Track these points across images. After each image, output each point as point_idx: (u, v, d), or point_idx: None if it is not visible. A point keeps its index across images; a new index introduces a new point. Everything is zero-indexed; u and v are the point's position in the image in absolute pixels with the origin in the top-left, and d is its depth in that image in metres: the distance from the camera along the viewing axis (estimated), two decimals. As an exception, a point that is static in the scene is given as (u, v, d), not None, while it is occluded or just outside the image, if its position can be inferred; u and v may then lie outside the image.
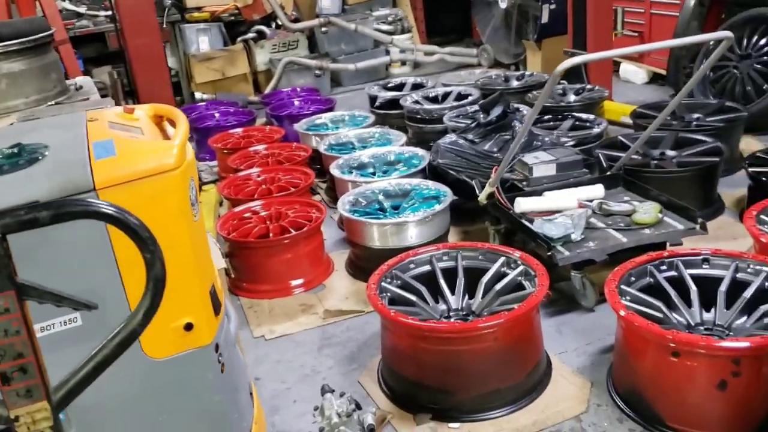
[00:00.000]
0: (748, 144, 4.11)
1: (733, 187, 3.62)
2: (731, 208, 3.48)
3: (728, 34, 2.42)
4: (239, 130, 5.03)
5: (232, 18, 7.32)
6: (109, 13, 6.85)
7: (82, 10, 6.94)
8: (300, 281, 3.24)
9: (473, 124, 3.65)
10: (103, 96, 4.49)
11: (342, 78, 7.27)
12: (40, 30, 2.96)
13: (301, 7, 7.34)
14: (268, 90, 6.76)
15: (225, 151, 4.62)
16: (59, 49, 3.87)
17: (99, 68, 6.30)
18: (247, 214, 3.46)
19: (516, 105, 4.22)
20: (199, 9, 7.30)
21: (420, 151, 3.94)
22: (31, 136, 1.77)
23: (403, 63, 7.57)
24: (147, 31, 3.86)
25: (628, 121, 4.58)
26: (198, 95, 6.73)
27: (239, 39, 7.21)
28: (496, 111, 3.53)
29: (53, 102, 2.95)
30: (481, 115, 3.64)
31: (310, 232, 3.23)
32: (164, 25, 6.77)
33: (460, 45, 7.89)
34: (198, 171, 4.55)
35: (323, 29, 7.02)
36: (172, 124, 2.07)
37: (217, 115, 5.73)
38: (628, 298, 2.25)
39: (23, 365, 0.90)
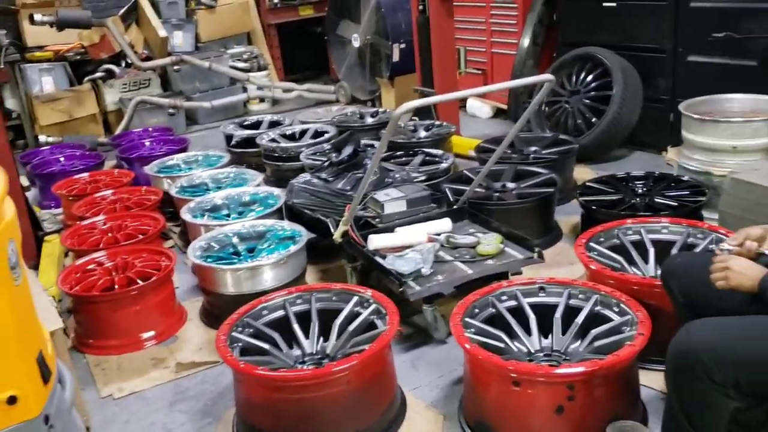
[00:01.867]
0: (583, 173, 4.44)
1: (569, 215, 3.87)
2: (568, 235, 3.73)
3: (550, 77, 2.61)
4: (86, 174, 4.78)
5: (78, 57, 6.99)
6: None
7: None
8: (151, 333, 3.10)
9: (326, 163, 3.69)
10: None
11: (198, 116, 7.13)
12: None
13: (152, 45, 7.13)
14: (118, 131, 6.49)
15: (70, 198, 4.38)
16: None
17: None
18: (91, 266, 3.28)
19: (370, 142, 4.32)
20: (41, 48, 6.92)
21: (275, 191, 3.92)
22: None
23: (262, 100, 7.54)
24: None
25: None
26: (42, 138, 6.33)
27: (87, 79, 6.88)
28: (348, 149, 3.60)
29: None
30: (334, 154, 3.69)
31: (158, 281, 3.10)
32: (2, 66, 6.34)
33: (318, 82, 7.98)
34: (41, 220, 4.30)
35: (175, 68, 6.87)
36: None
37: (62, 159, 5.43)
38: (472, 330, 2.34)
39: None
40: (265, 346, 2.48)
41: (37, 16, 6.42)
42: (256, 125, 5.70)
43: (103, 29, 6.78)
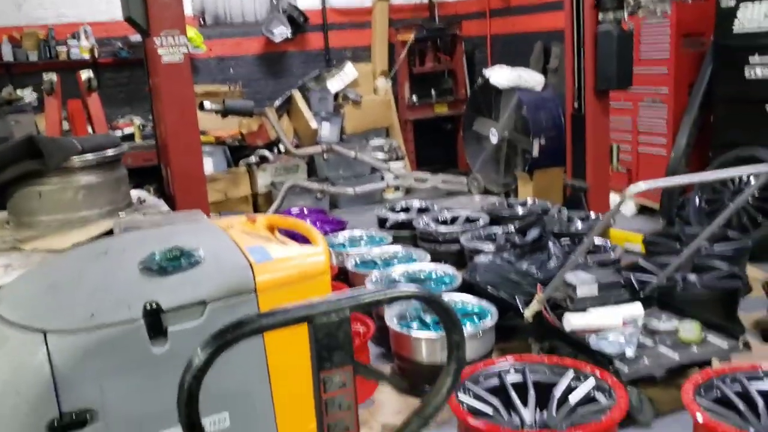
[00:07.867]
0: (751, 272, 4.40)
1: (747, 311, 3.84)
2: (751, 329, 3.69)
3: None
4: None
5: (236, 143, 7.59)
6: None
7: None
8: (347, 396, 3.25)
9: (508, 245, 3.85)
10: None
11: (339, 201, 7.51)
12: (115, 145, 3.10)
13: (302, 134, 7.68)
14: (270, 211, 6.89)
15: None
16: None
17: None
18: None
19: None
20: (204, 133, 7.56)
21: (451, 270, 4.08)
22: (180, 240, 1.86)
23: (397, 188, 7.89)
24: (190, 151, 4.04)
25: (631, 247, 4.91)
26: (200, 214, 6.83)
27: (242, 162, 7.44)
28: (533, 233, 3.75)
29: (123, 213, 3.03)
30: (517, 237, 3.85)
31: (357, 347, 3.27)
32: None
33: (447, 173, 8.29)
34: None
35: (325, 156, 7.33)
36: (289, 234, 2.20)
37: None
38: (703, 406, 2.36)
39: (348, 440, 0.95)
40: (488, 410, 2.57)
41: (207, 104, 7.02)
42: (406, 210, 5.97)
43: (261, 119, 7.37)
